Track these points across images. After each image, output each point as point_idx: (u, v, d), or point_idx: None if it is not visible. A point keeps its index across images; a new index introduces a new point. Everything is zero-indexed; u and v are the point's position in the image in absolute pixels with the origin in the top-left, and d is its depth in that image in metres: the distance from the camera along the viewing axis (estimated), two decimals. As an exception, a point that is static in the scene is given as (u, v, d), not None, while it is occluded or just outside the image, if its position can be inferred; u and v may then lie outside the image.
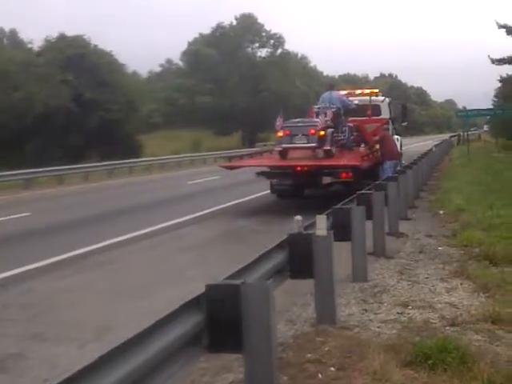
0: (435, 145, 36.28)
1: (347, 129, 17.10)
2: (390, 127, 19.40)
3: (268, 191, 17.04)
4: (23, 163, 29.78)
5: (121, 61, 49.93)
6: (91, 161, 35.56)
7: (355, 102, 18.18)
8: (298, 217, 5.96)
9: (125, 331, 3.29)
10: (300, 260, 5.83)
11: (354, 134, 17.66)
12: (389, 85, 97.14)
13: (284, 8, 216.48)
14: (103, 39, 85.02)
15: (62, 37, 46.84)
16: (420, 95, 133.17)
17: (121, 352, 2.94)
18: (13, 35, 58.90)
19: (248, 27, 69.62)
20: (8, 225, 14.50)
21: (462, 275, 7.89)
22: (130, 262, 9.93)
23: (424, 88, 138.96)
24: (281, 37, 70.74)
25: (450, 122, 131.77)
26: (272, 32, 70.77)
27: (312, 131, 15.15)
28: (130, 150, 42.19)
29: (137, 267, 9.55)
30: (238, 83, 65.07)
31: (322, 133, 15.19)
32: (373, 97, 19.45)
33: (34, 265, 9.43)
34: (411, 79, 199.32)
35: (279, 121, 15.61)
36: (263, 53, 71.62)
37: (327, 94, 17.24)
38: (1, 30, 60.79)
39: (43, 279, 8.73)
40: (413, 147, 43.51)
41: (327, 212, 7.27)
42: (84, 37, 47.30)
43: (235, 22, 70.26)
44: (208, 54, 65.02)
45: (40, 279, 8.71)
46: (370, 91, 19.95)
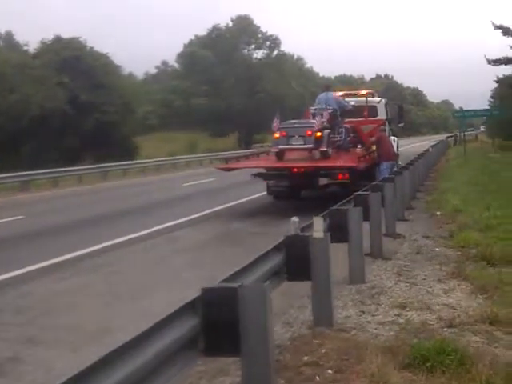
0: (432, 145, 36.25)
1: (344, 130, 17.09)
2: (387, 128, 19.42)
3: (264, 193, 17.01)
4: (19, 165, 29.67)
5: (117, 63, 49.96)
6: (86, 163, 35.46)
7: (351, 103, 18.19)
8: (295, 218, 5.93)
9: (121, 334, 3.26)
10: (297, 262, 5.81)
11: (351, 135, 17.68)
12: (385, 86, 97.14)
13: (280, 9, 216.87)
14: (99, 41, 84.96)
15: (58, 39, 46.76)
16: (416, 96, 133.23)
17: (117, 356, 2.90)
18: (8, 37, 58.74)
19: (244, 29, 69.64)
20: (4, 227, 14.42)
21: (460, 276, 7.88)
22: (126, 265, 9.88)
23: (420, 89, 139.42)
24: (277, 38, 70.95)
25: (447, 123, 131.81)
26: (268, 33, 70.95)
27: (309, 132, 15.14)
28: (126, 152, 42.12)
29: (133, 270, 9.52)
30: (234, 85, 65.08)
31: (319, 134, 15.18)
32: (369, 98, 19.47)
33: (32, 267, 9.39)
34: (407, 80, 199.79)
35: (276, 122, 15.60)
36: (259, 54, 71.78)
37: (323, 95, 17.21)
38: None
39: (41, 281, 8.68)
40: (409, 148, 43.56)
41: (324, 213, 7.23)
42: (80, 39, 47.30)
43: (231, 24, 70.34)
44: (204, 56, 65.04)
45: (37, 281, 8.66)
46: (366, 92, 19.98)
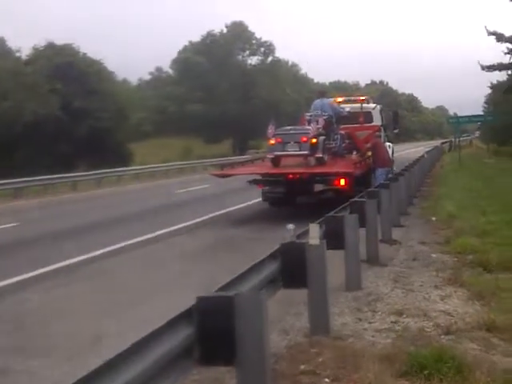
0: (427, 151, 36.34)
1: (339, 136, 17.09)
2: (382, 134, 19.42)
3: (260, 199, 16.95)
4: (12, 172, 29.57)
5: (110, 69, 49.87)
6: (80, 169, 35.36)
7: (347, 109, 18.19)
8: (291, 225, 5.88)
9: (117, 343, 3.20)
10: (293, 269, 5.76)
11: (346, 142, 17.68)
12: (380, 92, 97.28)
13: (274, 16, 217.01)
14: (92, 47, 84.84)
15: (51, 45, 46.61)
16: (411, 102, 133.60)
17: (108, 368, 2.84)
18: (1, 43, 58.62)
19: (238, 35, 69.72)
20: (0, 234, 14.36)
21: (456, 283, 7.84)
22: (123, 272, 9.82)
23: (415, 95, 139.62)
24: (271, 44, 71.05)
25: (442, 129, 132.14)
26: (262, 40, 71.08)
27: (304, 139, 15.11)
28: (120, 159, 42.06)
29: (129, 276, 9.44)
30: (229, 91, 65.06)
31: (314, 140, 15.17)
32: (364, 104, 19.47)
33: (28, 274, 9.32)
34: (402, 86, 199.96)
35: (271, 128, 15.57)
36: (254, 60, 71.84)
37: (319, 102, 17.20)
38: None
39: (37, 288, 8.62)
40: (404, 153, 43.56)
41: (320, 220, 7.19)
42: (73, 45, 47.21)
43: (226, 30, 70.42)
44: (198, 62, 65.03)
45: (32, 289, 8.60)
46: (360, 99, 19.99)
